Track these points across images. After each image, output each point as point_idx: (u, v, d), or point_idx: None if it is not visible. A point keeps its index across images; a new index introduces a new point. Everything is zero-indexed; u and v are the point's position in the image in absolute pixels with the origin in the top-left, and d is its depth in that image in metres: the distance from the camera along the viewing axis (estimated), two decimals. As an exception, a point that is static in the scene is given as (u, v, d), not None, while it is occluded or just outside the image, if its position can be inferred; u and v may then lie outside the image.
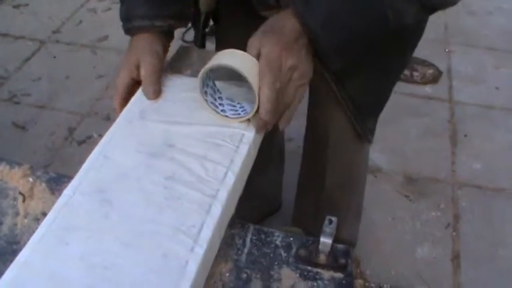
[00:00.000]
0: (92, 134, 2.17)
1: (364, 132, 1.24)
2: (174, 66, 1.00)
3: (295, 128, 1.21)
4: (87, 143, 2.14)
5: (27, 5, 2.97)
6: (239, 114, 0.87)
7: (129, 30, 0.98)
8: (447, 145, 2.17)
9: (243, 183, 0.82)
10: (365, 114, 1.21)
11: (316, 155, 1.38)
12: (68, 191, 0.75)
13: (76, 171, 0.82)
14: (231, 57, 0.82)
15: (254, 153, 0.85)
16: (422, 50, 2.58)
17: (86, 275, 0.64)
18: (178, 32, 1.09)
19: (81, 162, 1.48)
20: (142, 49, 0.94)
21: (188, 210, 0.72)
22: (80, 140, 2.16)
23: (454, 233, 1.84)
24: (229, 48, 0.83)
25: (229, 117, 0.86)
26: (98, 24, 2.83)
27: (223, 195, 0.74)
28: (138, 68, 0.93)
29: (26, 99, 2.36)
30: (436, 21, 2.86)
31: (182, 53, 1.04)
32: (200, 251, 0.67)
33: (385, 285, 0.71)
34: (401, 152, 2.13)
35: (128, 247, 0.67)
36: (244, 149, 0.81)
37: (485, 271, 1.72)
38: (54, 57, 2.62)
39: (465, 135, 2.21)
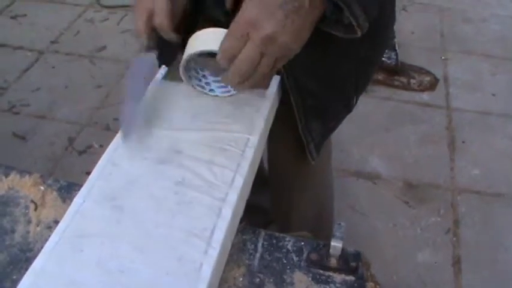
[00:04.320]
0: (92, 144, 2.18)
1: (307, 140, 1.11)
2: (175, 74, 1.01)
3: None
4: (88, 152, 2.14)
5: (25, 15, 2.98)
6: (228, 90, 0.88)
7: None
8: (445, 151, 2.19)
9: (250, 185, 0.83)
10: (310, 113, 1.08)
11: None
12: (78, 198, 0.76)
13: (78, 180, 0.83)
14: (206, 39, 0.81)
15: (259, 157, 0.87)
16: (418, 58, 2.61)
17: (103, 280, 0.65)
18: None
19: (82, 172, 1.48)
20: None
21: (199, 214, 0.73)
22: (80, 149, 2.17)
23: (454, 238, 1.85)
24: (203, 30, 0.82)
25: (219, 95, 0.88)
26: (96, 34, 2.84)
27: (232, 198, 0.75)
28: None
29: (25, 109, 2.37)
30: (432, 29, 2.88)
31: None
32: (214, 253, 0.68)
33: (387, 291, 0.72)
34: (400, 158, 2.15)
35: (142, 251, 0.68)
36: (249, 153, 0.82)
37: (485, 275, 1.74)
38: (53, 67, 2.63)
39: (463, 142, 2.23)
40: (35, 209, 0.81)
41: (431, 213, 1.94)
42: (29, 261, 0.71)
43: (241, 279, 0.71)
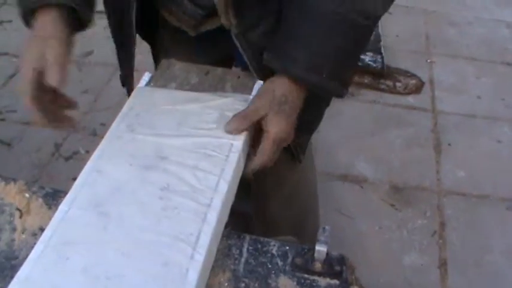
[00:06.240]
0: (79, 150, 2.17)
1: (296, 149, 1.15)
2: (159, 80, 1.01)
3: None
4: (74, 158, 2.14)
5: (10, 21, 2.96)
6: None
7: (27, 10, 0.92)
8: (431, 154, 2.21)
9: (235, 190, 0.84)
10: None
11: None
12: (63, 206, 0.76)
13: (64, 187, 0.82)
14: None
15: (243, 161, 0.87)
16: (404, 61, 2.63)
17: (89, 287, 0.65)
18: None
19: (69, 178, 1.46)
20: (46, 33, 0.91)
21: (185, 219, 0.73)
22: (66, 155, 2.16)
23: (440, 241, 1.86)
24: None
25: None
26: (83, 39, 2.81)
27: (217, 203, 0.76)
28: (42, 57, 0.90)
29: (11, 115, 2.36)
30: (417, 33, 2.90)
31: (165, 66, 1.05)
32: (200, 258, 0.68)
33: (374, 294, 0.73)
34: (386, 161, 2.16)
35: (129, 257, 0.68)
36: (233, 158, 0.83)
37: (472, 277, 1.75)
38: (39, 73, 2.61)
39: (449, 144, 2.25)
40: (20, 217, 0.81)
41: (418, 215, 1.95)
42: (14, 269, 0.71)
43: (226, 284, 0.72)
